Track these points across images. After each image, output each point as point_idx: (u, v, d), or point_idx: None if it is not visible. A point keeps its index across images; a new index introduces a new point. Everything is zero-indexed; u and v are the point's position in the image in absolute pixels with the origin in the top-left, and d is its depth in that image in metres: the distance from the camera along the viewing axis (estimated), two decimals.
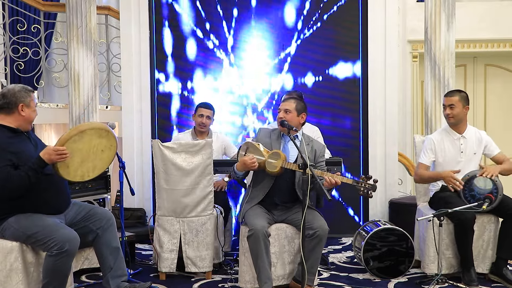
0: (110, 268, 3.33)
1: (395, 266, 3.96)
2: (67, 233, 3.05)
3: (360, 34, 5.31)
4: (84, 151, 3.16)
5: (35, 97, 3.26)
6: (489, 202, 3.77)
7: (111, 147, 3.30)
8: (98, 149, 3.23)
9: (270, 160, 3.58)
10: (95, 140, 3.20)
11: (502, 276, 3.80)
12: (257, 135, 3.83)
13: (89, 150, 3.18)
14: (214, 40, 5.39)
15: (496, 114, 7.15)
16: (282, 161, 3.56)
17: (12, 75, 6.07)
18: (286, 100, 3.80)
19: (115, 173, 5.23)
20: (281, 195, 3.69)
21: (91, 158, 3.21)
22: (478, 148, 4.03)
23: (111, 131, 3.29)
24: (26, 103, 3.17)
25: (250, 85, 5.43)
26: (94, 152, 3.22)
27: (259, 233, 3.40)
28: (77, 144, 3.11)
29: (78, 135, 3.11)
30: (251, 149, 3.65)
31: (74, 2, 4.97)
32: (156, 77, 5.42)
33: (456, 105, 3.97)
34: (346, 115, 5.37)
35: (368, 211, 5.34)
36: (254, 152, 3.62)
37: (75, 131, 3.12)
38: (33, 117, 3.23)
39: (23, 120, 3.18)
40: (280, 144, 3.73)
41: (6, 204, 3.09)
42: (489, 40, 6.85)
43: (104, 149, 3.27)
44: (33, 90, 3.28)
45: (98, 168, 3.29)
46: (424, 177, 4.08)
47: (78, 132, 3.12)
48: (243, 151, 3.67)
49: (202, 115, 4.59)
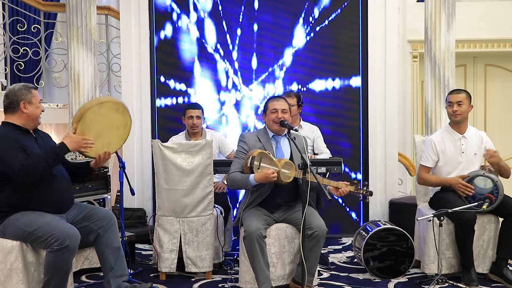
0: (111, 268, 3.33)
1: (395, 266, 3.96)
2: (67, 229, 3.07)
3: (360, 34, 5.31)
4: (101, 124, 3.28)
5: (37, 94, 3.28)
6: (489, 202, 3.77)
7: (125, 125, 3.43)
8: (114, 125, 3.36)
9: (284, 170, 3.51)
10: (112, 114, 3.32)
11: (502, 276, 3.80)
12: (246, 142, 3.70)
13: (106, 124, 3.30)
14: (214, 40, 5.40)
15: (496, 114, 7.16)
16: (295, 171, 3.54)
17: (12, 75, 6.08)
18: (280, 100, 3.74)
19: (115, 173, 5.23)
20: (284, 196, 3.67)
21: (107, 133, 3.32)
22: (478, 149, 4.02)
23: (127, 108, 3.43)
24: (27, 100, 3.21)
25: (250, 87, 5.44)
26: (110, 127, 3.34)
27: (253, 235, 3.39)
28: (95, 115, 3.23)
29: (97, 106, 3.26)
30: (265, 160, 3.52)
31: (74, 2, 4.97)
32: (156, 77, 5.42)
33: (464, 102, 3.97)
34: (346, 115, 5.37)
35: (368, 211, 5.34)
36: (268, 163, 3.51)
37: (95, 101, 3.30)
38: (37, 114, 3.25)
39: (27, 118, 3.22)
40: (272, 146, 3.71)
41: (9, 202, 3.12)
42: (489, 40, 6.85)
43: (119, 126, 3.40)
44: (34, 87, 3.32)
45: (112, 146, 3.39)
46: (430, 182, 4.07)
47: (98, 103, 3.28)
48: (258, 161, 3.49)
49: (192, 116, 4.58)
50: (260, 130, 3.82)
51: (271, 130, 3.73)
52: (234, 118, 5.46)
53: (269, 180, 3.46)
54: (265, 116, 3.75)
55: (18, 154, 3.04)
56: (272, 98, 3.78)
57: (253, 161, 3.48)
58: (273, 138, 3.74)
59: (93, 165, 3.42)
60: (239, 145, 3.74)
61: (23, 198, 3.12)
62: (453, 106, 3.98)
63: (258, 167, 3.49)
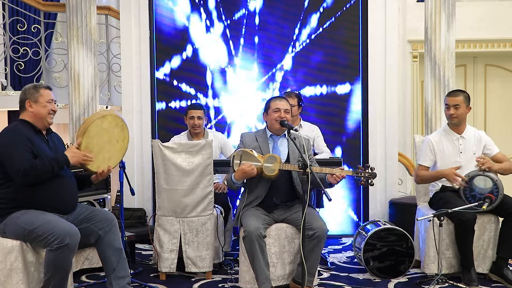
0: (113, 269, 3.33)
1: (395, 266, 3.96)
2: (67, 227, 3.07)
3: (360, 34, 5.31)
4: (103, 139, 3.33)
5: (46, 93, 3.30)
6: (489, 202, 3.77)
7: (124, 139, 3.46)
8: (114, 138, 3.40)
9: (267, 164, 3.55)
10: (113, 128, 3.37)
11: (502, 276, 3.80)
12: (243, 141, 3.76)
13: (107, 138, 3.35)
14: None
15: (496, 114, 7.15)
16: (279, 163, 3.55)
17: (12, 75, 6.08)
18: (283, 100, 3.75)
19: (115, 173, 5.22)
20: (280, 195, 3.69)
21: (108, 147, 3.36)
22: (477, 148, 4.02)
23: (125, 123, 3.47)
24: (33, 99, 3.26)
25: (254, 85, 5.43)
26: (111, 141, 3.37)
27: (253, 235, 3.39)
28: (98, 129, 3.28)
29: (100, 119, 3.30)
30: (245, 157, 3.58)
31: (74, 2, 4.97)
32: (156, 77, 5.42)
33: (461, 105, 3.97)
34: (346, 114, 5.37)
35: (368, 211, 5.34)
36: (249, 159, 3.57)
37: (97, 115, 3.33)
38: (42, 113, 3.27)
39: (34, 117, 3.27)
40: (269, 146, 3.72)
41: (13, 199, 3.14)
42: (489, 40, 6.85)
43: (118, 140, 3.43)
44: (46, 87, 3.35)
45: (113, 160, 3.43)
46: (425, 177, 4.07)
47: (100, 116, 3.31)
48: (238, 159, 3.59)
49: (193, 116, 4.59)
50: (260, 130, 3.83)
51: (272, 129, 3.73)
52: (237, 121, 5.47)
53: (249, 175, 3.53)
54: (266, 115, 3.76)
55: (25, 153, 3.08)
56: (274, 98, 3.80)
57: (233, 160, 3.59)
58: (271, 138, 3.75)
59: (93, 179, 3.47)
60: (238, 145, 3.79)
61: (27, 196, 3.14)
62: (449, 109, 3.99)
63: (238, 165, 3.56)
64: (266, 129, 3.78)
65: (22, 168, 3.03)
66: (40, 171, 3.07)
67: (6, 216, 3.14)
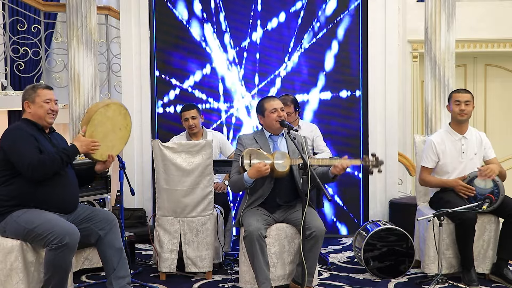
0: (113, 269, 3.33)
1: (395, 266, 3.96)
2: (67, 227, 3.08)
3: (360, 34, 5.31)
4: (107, 127, 3.34)
5: (44, 93, 3.30)
6: (489, 202, 3.77)
7: (126, 126, 3.48)
8: (117, 127, 3.42)
9: (278, 161, 3.53)
10: (116, 117, 3.39)
11: (502, 276, 3.80)
12: (242, 143, 3.70)
13: (110, 126, 3.37)
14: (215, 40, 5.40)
15: (496, 114, 7.15)
16: (289, 159, 3.54)
17: (12, 75, 6.08)
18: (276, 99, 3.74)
19: (115, 173, 5.23)
20: (283, 196, 3.67)
21: (111, 136, 3.38)
22: (478, 149, 4.02)
23: (128, 111, 3.49)
24: (30, 100, 3.28)
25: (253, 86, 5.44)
26: (114, 130, 3.40)
27: (253, 234, 3.39)
28: (102, 117, 3.29)
29: (104, 108, 3.31)
30: (255, 155, 3.54)
31: (74, 2, 4.96)
32: (156, 77, 5.42)
33: (471, 103, 3.99)
34: (346, 114, 5.37)
35: (368, 211, 5.34)
36: (259, 158, 3.53)
37: (102, 103, 3.35)
38: (39, 113, 3.28)
39: (32, 117, 3.29)
40: (270, 146, 3.71)
41: (14, 197, 3.15)
42: (489, 40, 6.85)
43: (121, 128, 3.45)
44: (45, 87, 3.35)
45: (116, 148, 3.45)
46: (430, 183, 4.06)
47: (104, 105, 3.33)
48: (247, 159, 3.53)
49: (187, 118, 4.57)
50: (257, 132, 3.82)
51: (271, 129, 3.72)
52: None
53: (263, 173, 3.47)
54: (262, 117, 3.74)
55: (32, 149, 3.10)
56: (266, 98, 3.77)
57: (243, 160, 3.53)
58: (270, 138, 3.74)
59: (98, 169, 3.47)
60: (237, 147, 3.75)
61: (29, 194, 3.14)
62: (461, 105, 3.97)
63: (249, 164, 3.51)
64: (264, 130, 3.77)
65: (32, 163, 3.06)
66: (48, 164, 3.09)
67: (7, 215, 3.15)
